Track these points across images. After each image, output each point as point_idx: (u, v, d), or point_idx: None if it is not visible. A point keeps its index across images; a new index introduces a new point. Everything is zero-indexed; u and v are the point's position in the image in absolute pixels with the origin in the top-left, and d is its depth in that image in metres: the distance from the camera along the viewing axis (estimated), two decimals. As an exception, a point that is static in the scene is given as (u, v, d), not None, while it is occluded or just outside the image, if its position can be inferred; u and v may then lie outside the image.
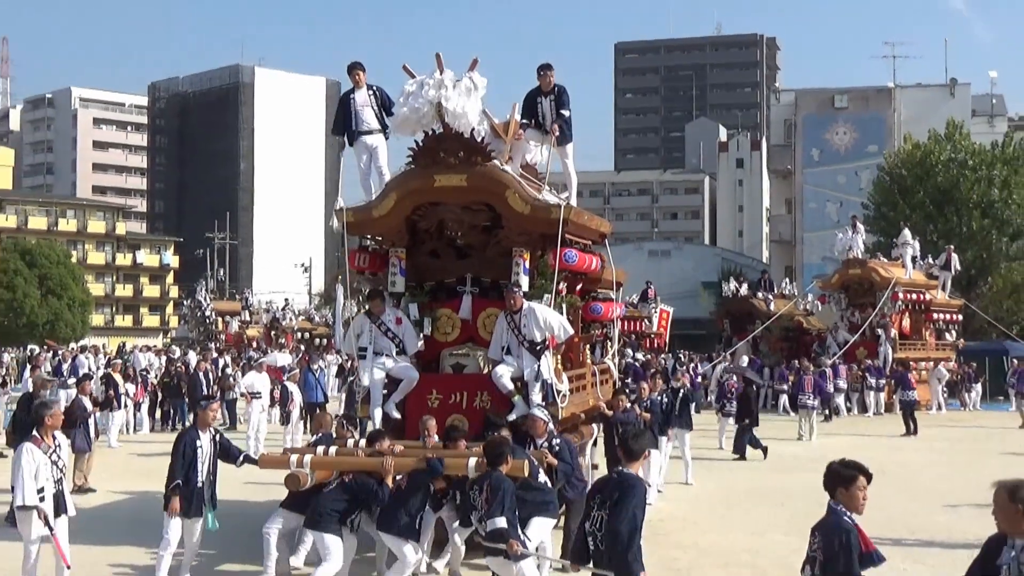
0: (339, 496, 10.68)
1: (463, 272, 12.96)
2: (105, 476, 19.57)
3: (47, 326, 71.09)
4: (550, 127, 13.27)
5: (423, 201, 12.26)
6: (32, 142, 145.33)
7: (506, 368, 11.98)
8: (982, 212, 52.28)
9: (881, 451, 25.28)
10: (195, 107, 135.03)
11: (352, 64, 13.18)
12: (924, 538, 14.82)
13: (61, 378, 30.49)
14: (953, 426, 32.61)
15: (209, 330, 59.27)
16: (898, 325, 39.40)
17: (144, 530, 13.61)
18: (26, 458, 9.58)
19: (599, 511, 7.63)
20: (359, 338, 12.32)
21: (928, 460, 24.50)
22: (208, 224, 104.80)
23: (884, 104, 72.54)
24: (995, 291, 51.32)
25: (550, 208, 12.27)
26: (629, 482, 7.61)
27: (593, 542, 7.66)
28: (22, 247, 78.31)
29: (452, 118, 11.94)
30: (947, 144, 55.28)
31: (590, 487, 8.34)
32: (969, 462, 24.04)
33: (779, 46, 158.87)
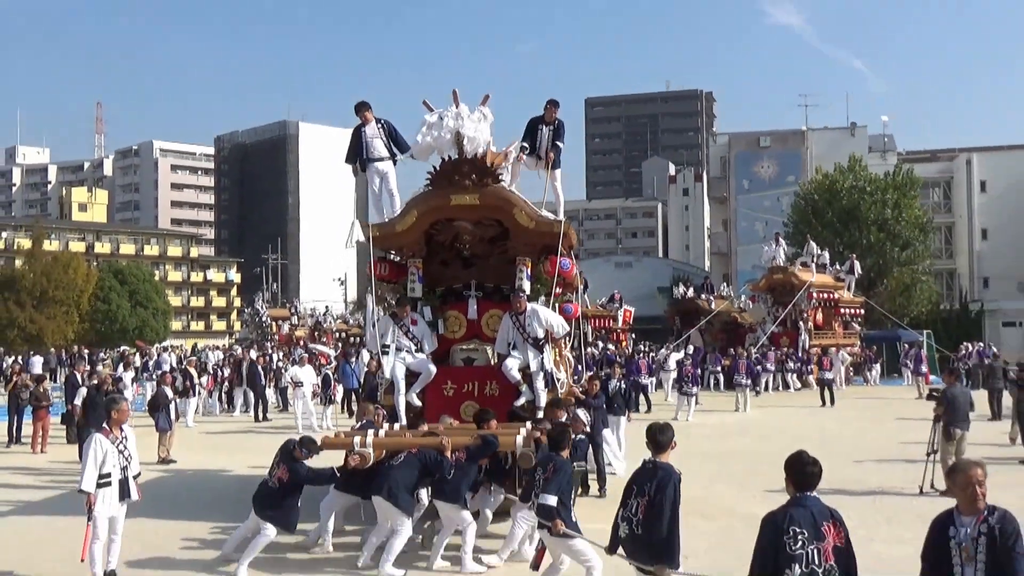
0: (410, 469, 10.06)
1: (469, 279, 12.79)
2: (183, 450, 19.59)
3: (136, 331, 71.45)
4: (543, 153, 13.11)
5: (440, 217, 12.01)
6: (122, 184, 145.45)
7: (514, 361, 11.77)
8: (878, 228, 52.36)
9: (802, 419, 25.39)
10: (251, 154, 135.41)
11: (359, 104, 12.88)
12: (839, 487, 14.80)
13: (148, 372, 30.52)
14: (859, 398, 32.79)
15: (265, 332, 59.26)
16: (813, 318, 39.65)
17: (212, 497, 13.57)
18: (94, 447, 9.17)
19: (636, 499, 7.04)
20: (383, 337, 11.99)
21: (839, 425, 24.52)
22: (263, 248, 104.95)
23: (799, 143, 72.72)
24: (889, 290, 51.54)
25: (552, 223, 12.09)
26: (665, 471, 7.05)
27: (628, 527, 7.04)
28: (115, 268, 79.08)
29: (469, 143, 11.67)
30: (849, 174, 55.34)
31: (630, 476, 7.39)
32: (871, 426, 24.17)
33: (715, 99, 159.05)
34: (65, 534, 12.29)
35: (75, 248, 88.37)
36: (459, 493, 10.09)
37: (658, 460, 7.16)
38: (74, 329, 68.24)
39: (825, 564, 5.46)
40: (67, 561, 10.31)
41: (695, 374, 28.77)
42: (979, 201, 67.78)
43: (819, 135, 73.22)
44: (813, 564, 5.45)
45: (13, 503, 14.51)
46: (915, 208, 54.58)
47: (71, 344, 60.89)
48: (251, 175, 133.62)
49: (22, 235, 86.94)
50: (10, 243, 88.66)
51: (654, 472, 7.08)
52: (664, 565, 6.88)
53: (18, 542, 11.83)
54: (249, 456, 19.69)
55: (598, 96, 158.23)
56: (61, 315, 67.55)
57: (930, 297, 55.39)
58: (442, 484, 10.08)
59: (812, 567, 5.45)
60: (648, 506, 6.92)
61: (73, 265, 70.90)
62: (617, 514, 7.22)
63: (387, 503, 9.84)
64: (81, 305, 69.57)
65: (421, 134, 11.94)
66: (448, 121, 11.74)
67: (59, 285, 67.82)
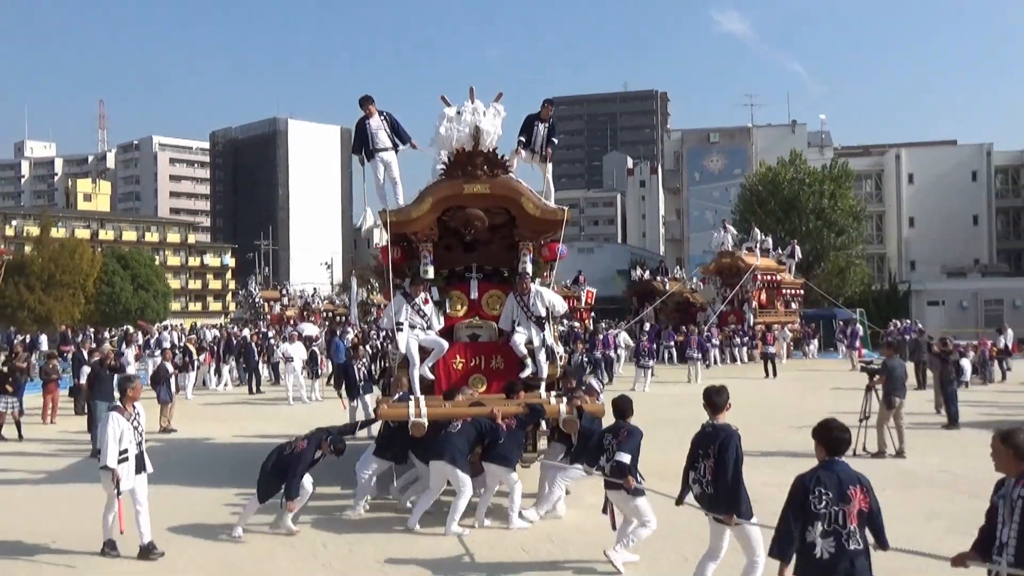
0: (466, 436, 10.02)
1: (470, 262, 12.67)
2: (184, 421, 19.48)
3: (138, 311, 70.87)
4: (539, 148, 13.01)
5: (453, 205, 11.84)
6: (124, 176, 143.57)
7: (521, 336, 11.75)
8: (816, 216, 52.60)
9: (749, 389, 25.51)
10: (244, 149, 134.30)
11: (363, 97, 12.54)
12: (784, 450, 14.95)
13: (149, 349, 30.19)
14: (798, 371, 33.01)
15: (258, 312, 58.88)
16: (757, 298, 39.87)
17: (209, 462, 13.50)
18: (112, 425, 8.88)
19: (703, 461, 7.06)
20: (397, 315, 11.71)
21: (782, 394, 24.75)
22: (256, 234, 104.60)
23: (745, 139, 72.97)
24: (826, 273, 51.87)
25: (556, 211, 12.03)
26: (726, 432, 7.06)
27: (700, 487, 7.08)
28: (118, 254, 78.20)
29: (485, 136, 11.61)
30: (790, 167, 55.53)
31: (693, 437, 7.39)
32: (810, 395, 24.38)
33: (669, 99, 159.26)
34: (74, 499, 12.20)
35: (80, 235, 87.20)
36: (510, 457, 10.22)
37: (716, 422, 7.21)
38: (80, 310, 67.87)
39: (849, 526, 5.41)
40: (80, 524, 10.23)
41: (651, 348, 28.89)
42: (907, 192, 68.31)
43: (763, 132, 73.53)
44: (836, 524, 5.41)
45: (28, 470, 14.37)
46: (849, 198, 54.84)
47: (78, 323, 60.55)
48: (244, 168, 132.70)
49: (31, 223, 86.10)
50: (19, 231, 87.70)
51: (715, 434, 7.10)
52: (732, 513, 6.91)
53: (32, 506, 11.73)
54: (244, 424, 19.69)
55: (562, 96, 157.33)
56: (68, 297, 67.15)
57: (863, 279, 55.77)
58: (495, 448, 10.12)
59: (835, 527, 5.41)
60: (715, 466, 6.95)
61: (79, 251, 70.45)
62: (687, 475, 7.24)
63: (450, 467, 9.84)
64: (87, 288, 69.17)
65: (443, 126, 11.74)
66: (466, 115, 11.64)
67: (66, 269, 67.41)
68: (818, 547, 5.43)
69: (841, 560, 5.40)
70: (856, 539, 5.42)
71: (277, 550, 9.47)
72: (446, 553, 9.24)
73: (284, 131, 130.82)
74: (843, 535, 5.40)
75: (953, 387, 18.67)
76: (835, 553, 5.40)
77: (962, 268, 63.34)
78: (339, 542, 9.76)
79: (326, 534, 10.08)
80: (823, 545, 5.42)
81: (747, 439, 7.51)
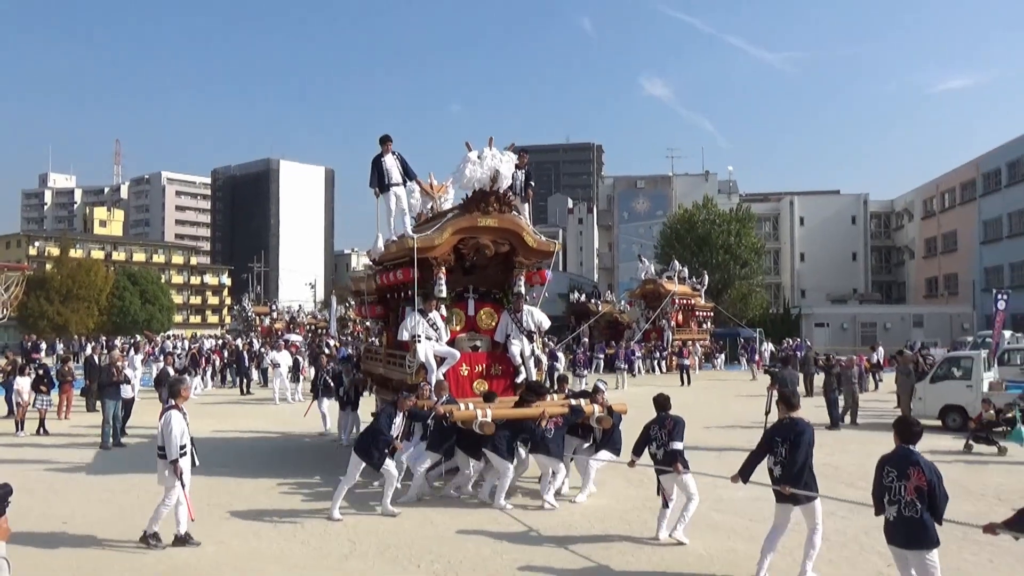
0: (508, 432, 10.22)
1: (468, 283, 12.55)
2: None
3: (145, 323, 69.89)
4: (519, 190, 12.86)
5: (468, 235, 11.83)
6: (136, 205, 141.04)
7: (517, 347, 11.90)
8: (724, 251, 53.11)
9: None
10: (241, 184, 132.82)
11: (383, 136, 12.37)
12: (694, 446, 15.03)
13: (154, 356, 29.60)
14: (708, 380, 33.29)
15: (250, 324, 58.06)
16: (675, 319, 40.13)
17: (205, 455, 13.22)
18: (175, 423, 8.36)
19: (781, 447, 7.21)
20: (414, 328, 11.45)
21: (695, 400, 24.88)
22: (249, 258, 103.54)
23: (666, 186, 73.58)
24: (732, 298, 52.43)
25: (550, 244, 12.36)
26: (800, 425, 7.30)
27: (780, 469, 7.18)
28: (128, 272, 77.17)
29: (501, 179, 11.66)
30: (703, 210, 55.97)
31: (771, 428, 7.57)
32: (717, 401, 24.56)
33: (604, 150, 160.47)
34: (84, 486, 11.87)
35: (96, 256, 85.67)
36: (557, 450, 10.35)
37: (793, 416, 7.41)
38: (94, 321, 66.72)
39: (907, 497, 5.86)
40: (89, 508, 9.95)
41: (586, 360, 28.97)
42: (798, 232, 69.31)
43: (681, 180, 74.26)
44: (900, 495, 5.90)
45: (43, 460, 13.97)
46: (752, 237, 55.37)
47: (92, 333, 59.30)
48: (240, 200, 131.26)
49: (52, 245, 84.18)
50: (42, 251, 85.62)
51: (792, 425, 7.32)
52: (792, 485, 7.13)
53: (46, 491, 11.38)
54: (237, 421, 19.32)
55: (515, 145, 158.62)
56: (84, 309, 66.07)
57: (762, 304, 56.45)
58: (543, 442, 10.27)
59: (899, 497, 5.90)
60: (791, 448, 7.17)
61: (94, 269, 69.60)
62: (760, 458, 7.39)
63: (496, 456, 10.20)
64: (100, 302, 68.24)
65: (468, 168, 11.60)
66: (487, 160, 11.60)
67: (82, 285, 66.38)
68: (888, 512, 6.00)
69: (900, 524, 5.91)
70: (914, 508, 5.83)
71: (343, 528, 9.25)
72: (510, 527, 9.34)
73: (276, 170, 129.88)
74: (902, 504, 5.88)
75: (834, 395, 18.77)
76: (896, 517, 5.92)
77: (843, 296, 64.43)
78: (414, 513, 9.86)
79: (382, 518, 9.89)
80: (890, 511, 5.97)
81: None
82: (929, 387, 18.17)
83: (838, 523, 9.21)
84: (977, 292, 52.36)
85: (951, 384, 17.92)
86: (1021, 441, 15.01)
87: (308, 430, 17.63)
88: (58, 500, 10.76)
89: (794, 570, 7.34)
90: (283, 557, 8.26)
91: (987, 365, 18.76)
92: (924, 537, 5.81)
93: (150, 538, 8.47)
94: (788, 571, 7.38)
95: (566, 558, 8.18)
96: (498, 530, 9.20)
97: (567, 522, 9.57)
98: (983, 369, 17.97)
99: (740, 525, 9.24)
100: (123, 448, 15.41)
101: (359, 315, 38.27)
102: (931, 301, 60.31)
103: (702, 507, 8.89)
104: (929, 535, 5.81)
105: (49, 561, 8.06)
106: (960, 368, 18.15)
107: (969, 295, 54.04)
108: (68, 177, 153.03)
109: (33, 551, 8.26)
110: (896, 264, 70.36)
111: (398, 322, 12.17)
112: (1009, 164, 50.93)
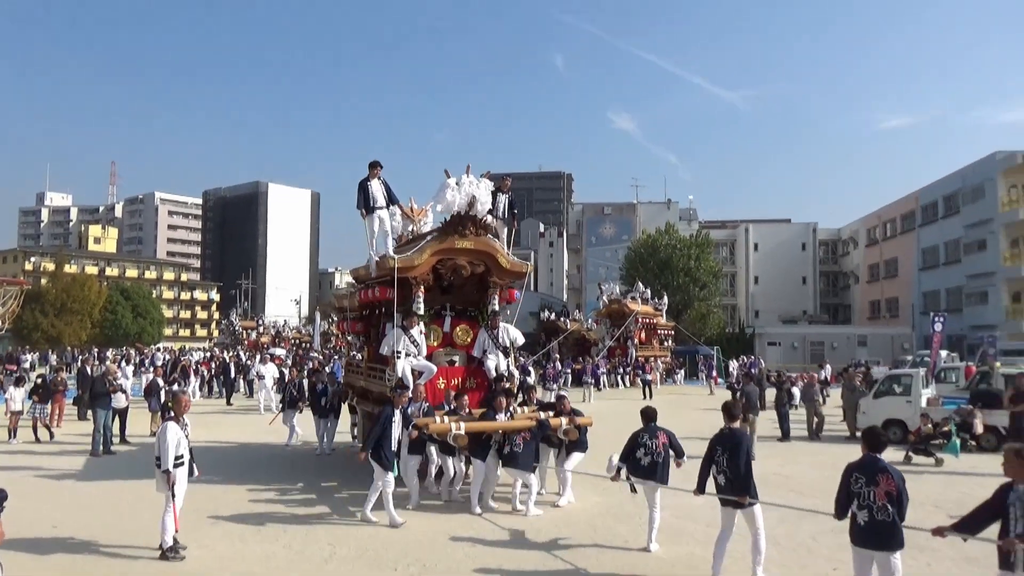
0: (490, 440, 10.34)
1: (445, 302, 12.56)
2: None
3: (136, 335, 68.74)
4: (502, 214, 12.95)
5: (446, 256, 11.87)
6: (129, 224, 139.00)
7: (493, 362, 11.90)
8: (685, 274, 53.42)
9: (630, 408, 25.58)
10: (231, 205, 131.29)
11: (372, 162, 12.33)
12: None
13: (144, 367, 29.16)
14: (669, 394, 33.38)
15: (237, 338, 57.38)
16: (638, 337, 40.30)
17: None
18: (170, 434, 8.12)
19: (722, 455, 7.27)
20: (395, 344, 11.38)
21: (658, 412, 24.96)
22: (237, 275, 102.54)
23: (631, 213, 74.14)
24: (691, 318, 52.72)
25: (522, 265, 12.42)
26: (738, 434, 7.37)
27: (723, 477, 7.24)
28: (121, 287, 75.97)
29: (478, 204, 11.73)
30: (665, 236, 56.30)
31: (712, 438, 7.49)
32: (678, 413, 24.59)
33: (574, 179, 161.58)
34: (74, 492, 11.65)
35: (90, 271, 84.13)
36: (528, 462, 10.25)
37: (732, 427, 7.47)
38: (87, 333, 65.54)
39: (878, 502, 5.86)
40: (79, 513, 9.75)
41: (555, 374, 28.94)
42: (753, 258, 70.05)
43: (645, 207, 74.83)
44: (870, 500, 5.89)
45: (35, 466, 13.68)
46: (710, 261, 55.75)
47: (84, 344, 58.26)
48: (230, 220, 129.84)
49: (47, 260, 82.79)
50: (37, 266, 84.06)
51: (731, 435, 7.37)
52: (746, 495, 7.15)
53: (37, 497, 11.13)
54: (222, 430, 19.05)
55: (493, 173, 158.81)
56: (77, 322, 64.89)
57: (719, 323, 56.75)
58: (513, 455, 10.21)
59: (868, 502, 5.89)
60: (731, 458, 7.21)
61: (88, 284, 68.50)
62: (709, 468, 7.41)
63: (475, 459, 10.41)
64: (93, 315, 66.96)
65: (447, 193, 11.64)
66: (465, 187, 11.66)
67: (76, 299, 65.29)
68: (857, 516, 5.98)
69: (872, 527, 5.91)
70: (886, 512, 5.86)
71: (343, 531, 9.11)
72: (481, 532, 9.26)
73: (264, 192, 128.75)
74: (873, 509, 5.88)
75: (785, 409, 18.91)
76: (868, 521, 5.91)
77: (794, 317, 65.11)
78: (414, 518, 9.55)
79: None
80: (860, 515, 5.95)
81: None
82: (872, 402, 18.40)
83: (788, 528, 9.28)
84: (916, 315, 53.21)
85: (892, 400, 18.16)
86: (956, 453, 15.27)
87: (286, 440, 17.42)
88: (49, 505, 10.54)
89: (746, 573, 7.38)
90: (267, 560, 8.16)
91: (925, 382, 19.06)
92: (896, 539, 5.86)
93: (168, 551, 8.08)
94: (740, 575, 7.42)
95: (535, 560, 8.16)
96: (471, 535, 9.16)
97: (536, 527, 9.55)
98: (922, 386, 18.26)
99: (698, 530, 9.27)
100: (113, 456, 15.15)
101: (342, 330, 37.96)
102: (874, 323, 61.15)
103: (664, 513, 8.91)
104: (899, 537, 5.87)
105: (40, 564, 7.89)
106: (901, 385, 18.39)
107: (909, 317, 54.90)
108: (65, 196, 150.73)
109: (24, 555, 8.08)
110: (842, 288, 71.30)
111: (379, 337, 12.14)
112: (945, 197, 51.98)
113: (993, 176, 45.50)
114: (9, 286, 24.68)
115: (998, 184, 45.21)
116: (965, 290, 48.37)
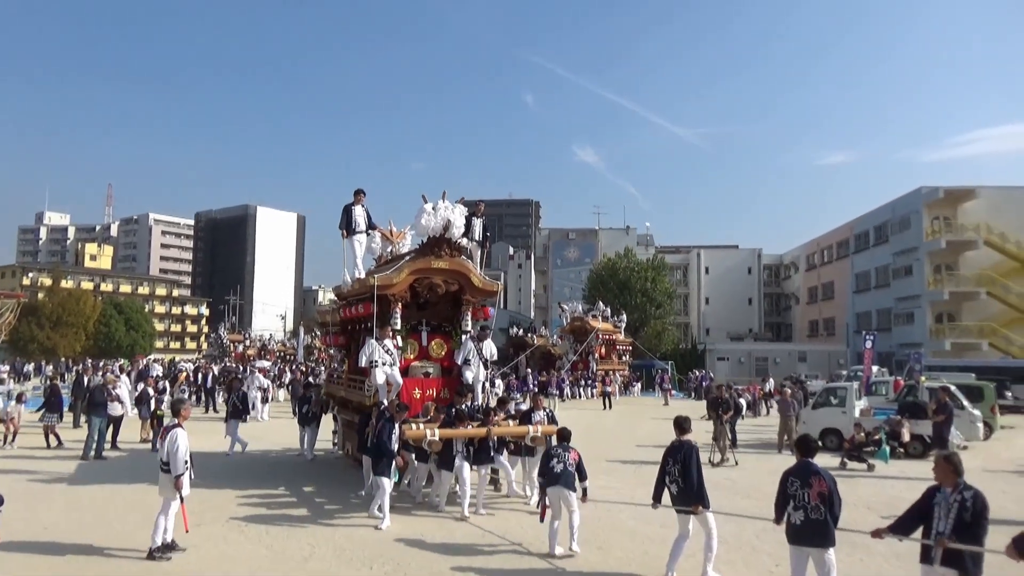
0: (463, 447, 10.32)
1: (421, 317, 12.53)
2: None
3: (129, 348, 67.37)
4: (477, 237, 13.04)
5: (423, 275, 11.86)
6: (124, 243, 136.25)
7: (470, 373, 11.80)
8: (642, 294, 53.61)
9: (592, 418, 25.77)
10: (221, 226, 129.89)
11: (357, 190, 12.52)
12: (615, 459, 15.09)
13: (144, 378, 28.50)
14: (627, 405, 33.45)
15: (225, 351, 56.46)
16: (599, 352, 40.39)
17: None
18: (182, 440, 8.04)
19: (674, 466, 7.20)
20: (371, 355, 11.25)
21: (617, 421, 25.05)
22: (226, 291, 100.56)
23: (593, 238, 74.44)
24: (648, 335, 52.85)
25: (493, 284, 12.45)
26: (689, 445, 7.28)
27: (676, 487, 7.17)
28: (115, 302, 74.21)
29: (452, 227, 11.79)
30: (625, 259, 56.49)
31: (665, 450, 7.41)
32: (635, 423, 24.72)
33: (541, 206, 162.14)
34: (67, 495, 11.34)
35: (86, 287, 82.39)
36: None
37: (683, 439, 7.40)
38: (81, 345, 64.02)
39: (812, 502, 5.94)
40: (70, 515, 9.49)
41: (520, 386, 28.87)
42: (704, 280, 70.62)
43: (606, 233, 75.20)
44: (805, 501, 5.97)
45: (29, 470, 13.28)
46: (665, 283, 56.03)
47: (79, 356, 56.95)
48: (220, 241, 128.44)
49: (44, 275, 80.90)
50: (35, 281, 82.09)
51: (681, 447, 7.30)
52: (700, 504, 7.11)
53: (31, 500, 10.81)
54: (209, 437, 18.67)
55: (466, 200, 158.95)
56: (72, 335, 63.33)
57: (673, 340, 56.98)
58: (477, 455, 10.43)
59: (803, 503, 5.97)
60: (683, 468, 7.15)
61: (83, 299, 66.91)
62: (664, 479, 7.33)
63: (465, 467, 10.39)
64: (87, 328, 65.43)
65: (424, 217, 11.69)
66: (441, 212, 11.70)
67: (71, 313, 63.75)
68: (792, 517, 6.05)
69: (807, 525, 5.96)
70: (819, 512, 5.92)
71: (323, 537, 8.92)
72: (454, 533, 9.02)
73: (253, 214, 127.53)
74: (808, 509, 5.95)
75: (733, 420, 19.03)
76: (803, 521, 5.98)
77: (741, 335, 65.81)
78: (368, 521, 9.33)
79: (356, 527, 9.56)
80: (795, 516, 6.03)
81: (592, 452, 7.61)
82: (810, 413, 18.62)
83: (734, 528, 9.33)
84: (850, 333, 54.04)
85: (829, 410, 18.41)
86: (886, 459, 15.52)
87: (271, 446, 17.18)
88: (41, 508, 10.25)
89: (697, 570, 7.40)
90: (250, 560, 8.00)
91: (858, 395, 19.36)
92: (828, 536, 5.93)
93: (155, 551, 7.89)
94: (692, 572, 7.43)
95: (505, 560, 8.09)
96: (444, 536, 9.07)
97: (504, 527, 9.48)
98: (855, 398, 18.55)
99: (652, 531, 9.28)
100: (104, 461, 14.78)
101: (324, 344, 37.52)
102: (813, 340, 61.97)
103: (621, 515, 8.91)
104: (831, 534, 5.94)
105: (32, 565, 7.65)
106: (836, 397, 18.66)
107: (844, 336, 55.73)
108: (63, 215, 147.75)
109: (16, 556, 7.85)
110: (784, 308, 72.24)
111: (359, 351, 12.06)
112: (876, 227, 53.07)
113: (919, 208, 46.61)
114: (6, 299, 24.00)
115: (923, 216, 46.31)
116: (894, 311, 49.30)
